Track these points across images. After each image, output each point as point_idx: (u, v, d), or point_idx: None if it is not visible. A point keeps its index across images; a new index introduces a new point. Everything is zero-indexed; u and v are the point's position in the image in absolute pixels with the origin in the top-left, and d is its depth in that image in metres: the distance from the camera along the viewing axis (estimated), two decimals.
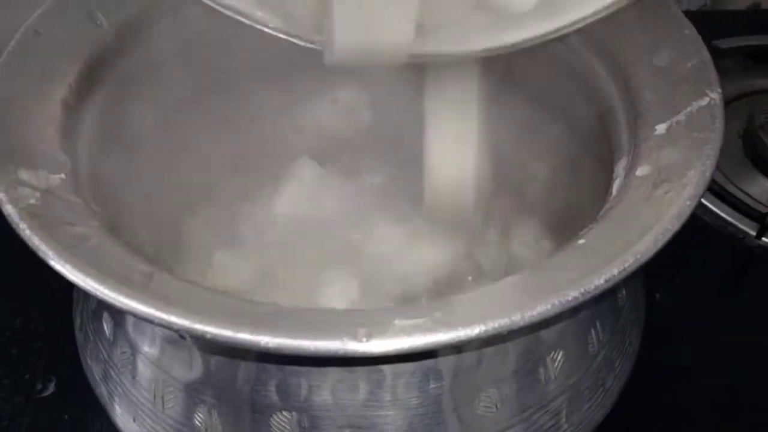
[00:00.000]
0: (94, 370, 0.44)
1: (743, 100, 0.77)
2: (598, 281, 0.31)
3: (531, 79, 0.52)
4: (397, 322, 0.30)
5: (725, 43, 0.82)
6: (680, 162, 0.37)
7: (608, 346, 0.43)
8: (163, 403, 0.39)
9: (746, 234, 0.65)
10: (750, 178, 0.70)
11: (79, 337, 0.46)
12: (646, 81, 0.42)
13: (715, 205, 0.67)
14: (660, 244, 0.32)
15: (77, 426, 0.55)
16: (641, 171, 0.38)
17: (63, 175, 0.37)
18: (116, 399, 0.42)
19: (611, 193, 0.40)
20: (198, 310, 0.30)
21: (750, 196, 0.68)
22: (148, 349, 0.39)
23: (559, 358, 0.39)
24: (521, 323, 0.30)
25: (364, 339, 0.29)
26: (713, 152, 0.36)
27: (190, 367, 0.38)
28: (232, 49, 0.49)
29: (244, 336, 0.29)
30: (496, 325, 0.29)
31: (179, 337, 0.36)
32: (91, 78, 0.44)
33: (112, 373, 0.42)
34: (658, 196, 0.35)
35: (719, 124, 0.38)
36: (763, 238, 0.64)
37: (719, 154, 0.36)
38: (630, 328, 0.45)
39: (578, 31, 0.48)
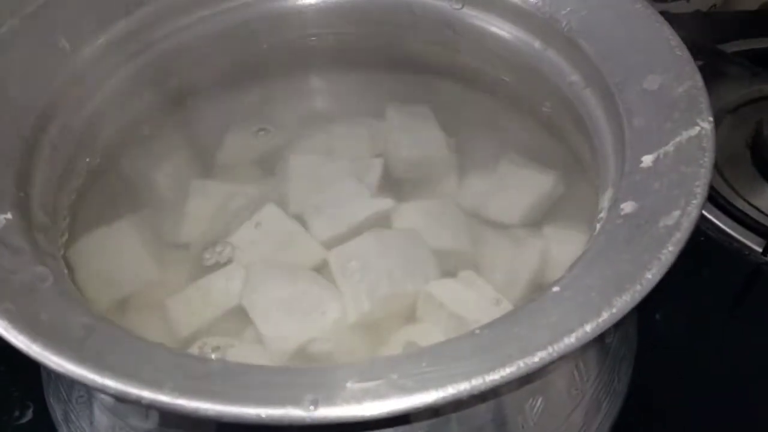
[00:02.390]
0: (56, 409, 0.43)
1: (751, 106, 0.74)
2: (569, 340, 0.28)
3: (515, 100, 0.51)
4: (348, 385, 0.27)
5: (731, 47, 0.78)
6: (666, 200, 0.34)
7: (594, 387, 0.41)
8: None
9: (752, 250, 0.62)
10: (758, 189, 0.67)
11: (43, 374, 0.44)
12: (634, 106, 0.40)
13: (719, 220, 0.64)
14: (639, 297, 0.30)
15: None
16: (625, 208, 0.35)
17: (9, 215, 0.35)
18: None
19: (595, 228, 0.38)
20: (134, 373, 0.28)
21: (757, 209, 0.65)
22: (103, 396, 0.37)
23: (538, 405, 0.37)
24: (483, 388, 0.27)
25: (311, 407, 0.27)
26: (701, 190, 0.33)
27: (145, 417, 0.36)
28: None
29: (181, 403, 0.27)
30: (456, 391, 0.27)
31: None
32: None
33: (72, 416, 0.40)
34: (640, 239, 0.33)
35: (709, 158, 0.35)
36: None
37: (726, 165, 0.34)
38: (618, 365, 0.43)
39: (567, 52, 0.47)
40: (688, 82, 0.39)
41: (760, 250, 0.61)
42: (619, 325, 0.36)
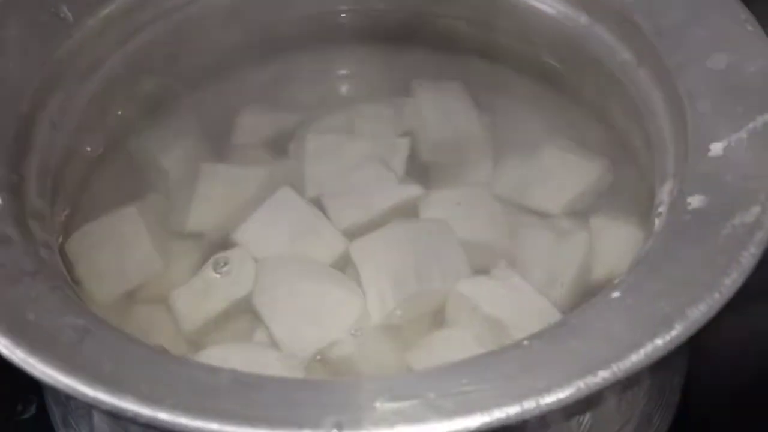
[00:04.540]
0: (55, 412, 0.39)
1: None
2: (636, 357, 0.24)
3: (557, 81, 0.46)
4: (378, 405, 0.24)
5: None
6: (741, 194, 0.30)
7: (645, 400, 0.36)
8: None
9: None
10: None
11: None
12: (698, 88, 0.35)
13: None
14: (718, 307, 0.26)
15: None
16: (693, 202, 0.31)
17: None
18: None
19: (653, 224, 0.33)
20: (131, 385, 0.24)
21: None
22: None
23: (586, 421, 0.33)
24: (536, 412, 0.23)
25: (333, 429, 0.23)
26: None
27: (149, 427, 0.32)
28: None
29: (183, 422, 0.23)
30: (504, 416, 0.23)
31: None
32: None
33: (71, 421, 0.37)
34: (713, 238, 0.28)
35: None
36: None
37: None
38: (671, 375, 0.39)
39: (618, 28, 0.42)
40: (761, 60, 0.35)
41: None
42: None
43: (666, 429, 0.39)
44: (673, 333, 0.25)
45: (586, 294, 0.41)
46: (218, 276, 0.41)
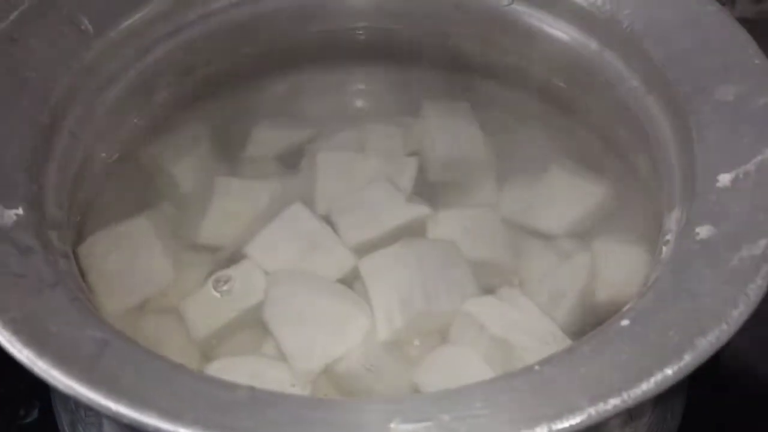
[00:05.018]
0: (63, 418, 0.40)
1: None
2: (646, 386, 0.25)
3: (565, 104, 0.47)
4: (392, 426, 0.24)
5: None
6: (749, 226, 0.30)
7: (646, 426, 0.37)
8: None
9: None
10: None
11: None
12: (706, 118, 0.36)
13: None
14: (726, 338, 0.26)
15: None
16: (701, 232, 0.31)
17: (20, 210, 0.32)
18: None
19: (660, 251, 0.34)
20: (151, 399, 0.25)
21: None
22: None
23: None
24: None
25: None
26: None
27: None
28: None
29: None
30: None
31: None
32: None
33: (80, 427, 0.37)
34: (721, 269, 0.29)
35: None
36: None
37: None
38: (672, 400, 0.39)
39: (628, 55, 0.43)
40: None
41: None
42: None
43: None
44: (683, 363, 0.25)
45: (589, 315, 0.42)
46: (218, 295, 0.42)
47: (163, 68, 0.47)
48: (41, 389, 0.55)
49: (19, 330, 0.26)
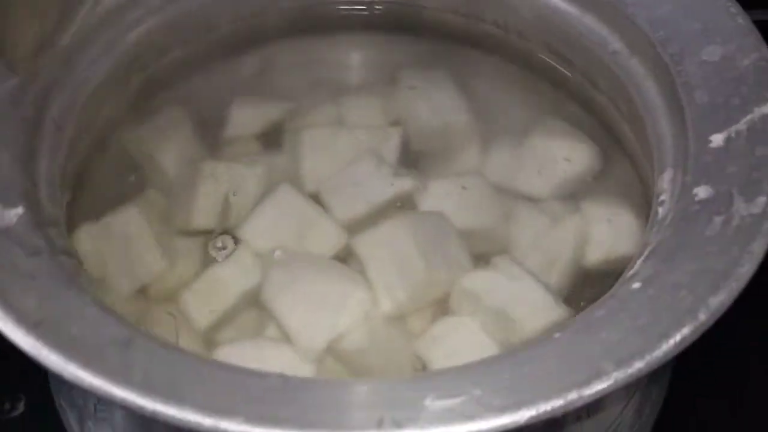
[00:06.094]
0: (69, 415, 0.39)
1: None
2: (666, 346, 0.26)
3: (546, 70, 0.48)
4: (428, 402, 0.25)
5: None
6: (746, 185, 0.31)
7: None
8: None
9: None
10: None
11: (51, 375, 0.41)
12: (694, 79, 0.37)
13: None
14: (735, 295, 0.27)
15: None
16: (699, 192, 0.32)
17: (20, 209, 0.31)
18: None
19: (656, 213, 0.35)
20: (187, 395, 0.25)
21: None
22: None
23: None
24: (579, 404, 0.25)
25: (394, 428, 0.24)
26: None
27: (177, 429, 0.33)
28: None
29: (248, 430, 0.24)
30: (550, 408, 0.24)
31: None
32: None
33: (89, 424, 0.37)
34: (723, 229, 0.30)
35: None
36: None
37: None
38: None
39: (610, 18, 0.44)
40: (754, 54, 0.36)
41: None
42: None
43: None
44: (699, 322, 0.26)
45: (580, 277, 0.43)
46: (219, 259, 0.42)
47: (140, 52, 0.45)
48: (27, 381, 0.54)
49: (43, 335, 0.26)
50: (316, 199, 0.45)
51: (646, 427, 0.40)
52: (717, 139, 0.34)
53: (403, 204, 0.45)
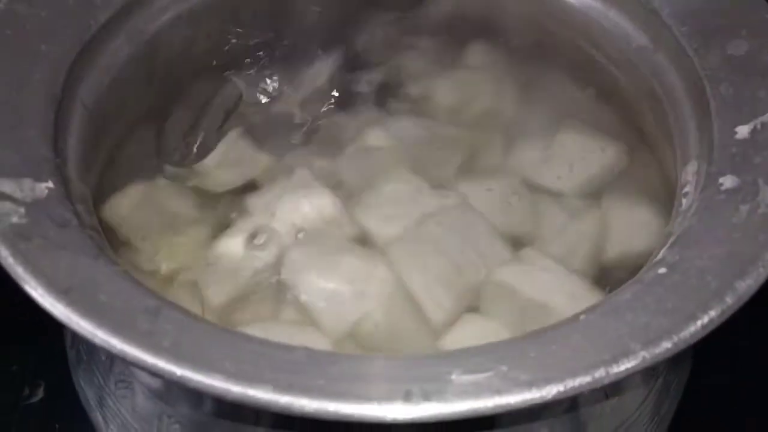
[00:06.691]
0: (87, 393, 0.39)
1: None
2: (693, 328, 0.26)
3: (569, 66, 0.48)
4: (454, 377, 0.25)
5: None
6: None
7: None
8: None
9: None
10: None
11: (70, 354, 0.41)
12: (719, 73, 0.37)
13: None
14: (762, 280, 0.27)
15: None
16: (725, 182, 0.32)
17: (51, 183, 0.32)
18: (113, 429, 0.37)
19: (680, 204, 0.35)
20: (215, 364, 0.25)
21: None
22: (151, 380, 0.34)
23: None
24: (606, 381, 0.25)
25: (422, 400, 0.24)
26: None
27: (199, 404, 0.33)
28: None
29: (274, 398, 0.24)
30: (577, 384, 0.24)
31: None
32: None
33: (109, 402, 0.37)
34: (750, 216, 0.30)
35: None
36: None
37: None
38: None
39: (634, 13, 0.44)
40: None
41: None
42: None
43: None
44: (726, 305, 0.27)
45: (599, 272, 0.43)
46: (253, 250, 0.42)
47: (171, 38, 0.46)
48: (47, 367, 0.55)
49: (74, 301, 0.26)
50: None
51: (663, 423, 0.40)
52: (742, 131, 0.34)
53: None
